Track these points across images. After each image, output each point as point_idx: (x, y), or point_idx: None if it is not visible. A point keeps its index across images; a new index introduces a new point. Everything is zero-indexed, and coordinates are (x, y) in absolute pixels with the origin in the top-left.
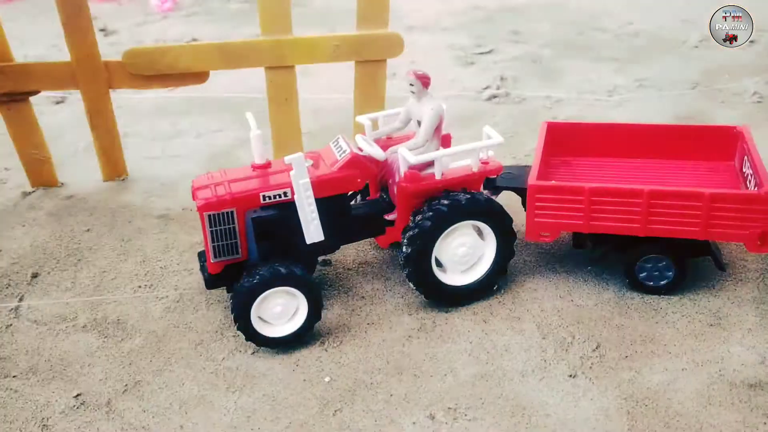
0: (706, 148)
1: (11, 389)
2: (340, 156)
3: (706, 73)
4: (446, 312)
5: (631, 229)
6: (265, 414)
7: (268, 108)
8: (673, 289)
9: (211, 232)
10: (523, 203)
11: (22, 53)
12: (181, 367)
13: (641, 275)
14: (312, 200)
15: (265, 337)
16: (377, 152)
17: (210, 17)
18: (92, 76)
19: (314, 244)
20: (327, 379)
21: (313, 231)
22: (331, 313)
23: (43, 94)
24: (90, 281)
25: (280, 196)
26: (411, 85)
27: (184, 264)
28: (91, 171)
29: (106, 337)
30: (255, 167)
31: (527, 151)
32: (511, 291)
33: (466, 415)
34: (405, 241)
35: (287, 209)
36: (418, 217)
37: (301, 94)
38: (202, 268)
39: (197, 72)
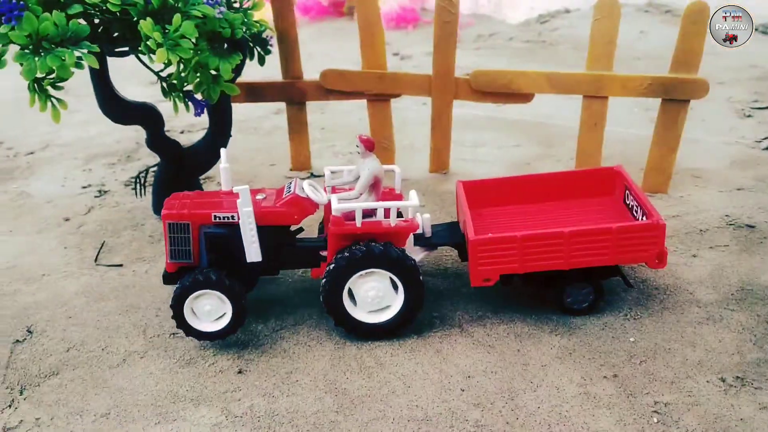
0: (594, 186)
1: None
2: (285, 195)
3: None
4: (732, 311)
5: (557, 264)
6: (583, 353)
7: (579, 129)
8: (594, 307)
9: (170, 237)
10: (460, 255)
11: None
12: (512, 308)
13: (569, 300)
14: (254, 226)
15: (195, 329)
16: (319, 197)
17: (494, 51)
18: (444, 88)
19: (254, 264)
20: (632, 339)
21: (252, 252)
22: (630, 294)
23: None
24: None
25: (228, 218)
26: (357, 146)
27: None
28: (419, 162)
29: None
30: (222, 194)
31: None
32: None
33: (752, 384)
34: (324, 273)
35: (235, 230)
36: (339, 255)
37: None
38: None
39: (525, 93)
